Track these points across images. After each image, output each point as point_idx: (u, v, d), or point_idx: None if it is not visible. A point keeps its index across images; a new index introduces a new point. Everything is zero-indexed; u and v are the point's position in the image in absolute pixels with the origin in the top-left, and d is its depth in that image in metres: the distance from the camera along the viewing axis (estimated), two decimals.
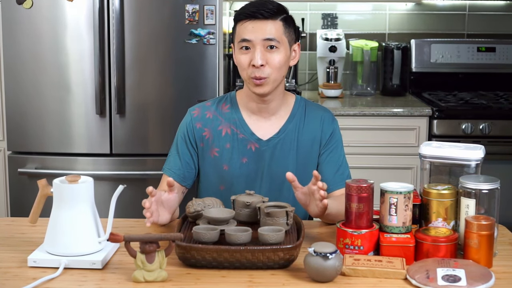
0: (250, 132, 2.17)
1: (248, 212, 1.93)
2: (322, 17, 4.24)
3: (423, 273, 1.63)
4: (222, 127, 2.18)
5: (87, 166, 3.39)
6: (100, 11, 3.28)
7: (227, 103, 2.22)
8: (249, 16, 2.07)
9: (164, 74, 3.37)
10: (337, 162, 2.19)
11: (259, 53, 2.05)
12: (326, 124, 2.20)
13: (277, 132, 2.18)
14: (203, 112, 2.21)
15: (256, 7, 2.07)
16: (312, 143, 2.19)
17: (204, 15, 3.30)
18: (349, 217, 1.80)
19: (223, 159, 2.17)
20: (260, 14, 2.06)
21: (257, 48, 2.06)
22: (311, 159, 2.18)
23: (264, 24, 2.06)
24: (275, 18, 2.08)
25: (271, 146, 2.17)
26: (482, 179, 1.79)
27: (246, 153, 2.16)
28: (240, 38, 2.08)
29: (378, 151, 3.67)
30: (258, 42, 2.06)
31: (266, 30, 2.06)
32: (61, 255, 1.73)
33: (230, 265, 1.71)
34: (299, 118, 2.20)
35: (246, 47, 2.07)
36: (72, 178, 1.76)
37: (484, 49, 4.18)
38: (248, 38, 2.06)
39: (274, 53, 2.07)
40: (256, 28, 2.06)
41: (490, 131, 3.64)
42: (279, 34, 2.08)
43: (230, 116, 2.19)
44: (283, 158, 2.17)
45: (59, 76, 3.35)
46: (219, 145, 2.17)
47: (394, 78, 4.07)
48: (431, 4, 4.25)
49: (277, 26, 2.07)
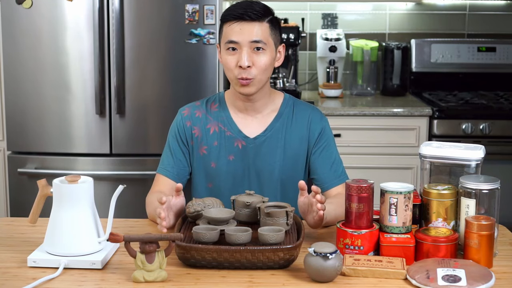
0: (237, 129, 2.19)
1: (248, 212, 1.93)
2: (322, 17, 4.24)
3: (423, 273, 1.63)
4: (210, 125, 2.21)
5: (87, 166, 3.39)
6: (100, 11, 3.27)
7: (215, 102, 2.24)
8: (236, 18, 2.08)
9: (164, 74, 3.37)
10: (330, 160, 2.20)
11: (246, 55, 2.07)
12: (314, 124, 2.21)
13: (264, 130, 2.19)
14: (192, 111, 2.24)
15: (244, 8, 2.08)
16: (300, 142, 2.20)
17: (204, 15, 3.30)
18: (349, 217, 1.80)
19: (211, 157, 2.19)
20: (247, 16, 2.07)
21: (244, 50, 2.07)
22: (298, 157, 2.20)
23: (251, 26, 2.07)
24: (262, 20, 2.09)
25: (258, 144, 2.19)
26: (482, 179, 1.79)
27: (233, 150, 2.19)
28: (227, 39, 2.09)
29: (378, 151, 3.66)
30: (245, 43, 2.07)
31: (253, 32, 2.07)
32: (61, 255, 1.73)
33: (230, 265, 1.71)
34: (286, 117, 2.21)
35: (232, 48, 2.09)
36: (72, 178, 1.75)
37: (485, 49, 4.18)
38: (235, 39, 2.07)
39: (260, 54, 2.08)
40: (244, 29, 2.07)
41: (490, 131, 3.64)
42: (266, 35, 2.09)
43: (218, 114, 2.22)
44: (269, 156, 2.18)
45: (59, 76, 3.35)
46: (207, 143, 2.20)
47: (394, 78, 4.07)
48: (431, 4, 4.24)
49: (263, 27, 2.08)
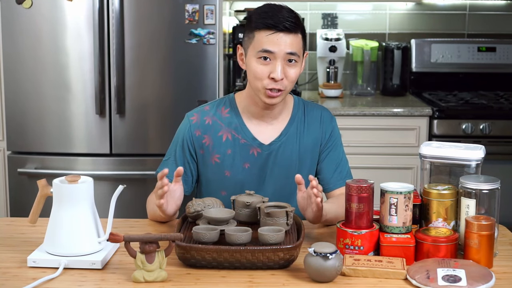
0: (251, 137, 2.14)
1: (248, 212, 1.93)
2: (322, 17, 4.24)
3: (423, 273, 1.63)
4: (222, 133, 2.14)
5: (87, 166, 3.39)
6: (100, 11, 3.27)
7: (226, 106, 2.17)
8: (272, 27, 2.00)
9: (164, 74, 3.37)
10: (336, 160, 2.18)
11: (280, 66, 2.00)
12: (326, 124, 2.19)
13: (279, 136, 2.15)
14: (202, 118, 2.16)
15: (278, 17, 2.00)
16: (313, 145, 2.17)
17: (204, 15, 3.30)
18: (349, 217, 1.79)
19: (225, 165, 2.14)
20: (285, 26, 1.99)
21: (278, 61, 2.00)
22: (313, 160, 2.17)
23: (288, 37, 2.00)
24: (297, 31, 2.02)
25: (274, 150, 2.14)
26: (482, 179, 1.79)
27: (248, 158, 2.14)
28: (261, 48, 2.01)
29: (378, 151, 3.66)
30: (280, 55, 2.00)
31: (289, 44, 2.00)
32: (60, 255, 1.73)
33: (230, 265, 1.70)
34: (299, 120, 2.18)
35: (265, 57, 2.01)
36: (72, 178, 1.75)
37: (485, 49, 4.18)
38: (272, 50, 2.00)
39: (292, 66, 2.03)
40: (281, 40, 1.99)
41: (491, 131, 3.64)
42: (299, 47, 2.03)
43: (230, 120, 2.15)
44: (285, 161, 2.15)
45: (59, 76, 3.35)
46: (220, 151, 2.13)
47: (394, 78, 4.07)
48: (432, 4, 4.24)
49: (298, 39, 2.03)
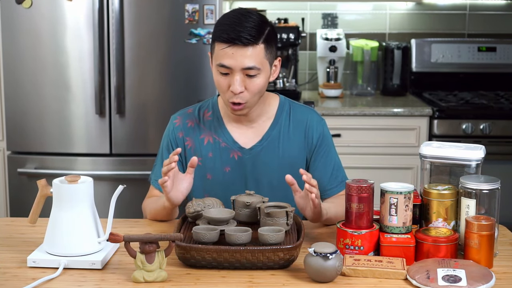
0: (232, 140, 2.11)
1: (248, 212, 1.93)
2: (322, 17, 4.24)
3: (424, 274, 1.63)
4: (204, 136, 2.12)
5: (87, 166, 3.39)
6: (100, 11, 3.27)
7: (209, 109, 2.15)
8: (227, 41, 1.93)
9: (164, 74, 3.37)
10: (330, 166, 2.14)
11: (238, 80, 1.95)
12: (312, 129, 2.13)
13: (260, 140, 2.11)
14: (184, 121, 2.15)
15: (237, 31, 1.93)
16: (298, 149, 2.12)
17: (204, 14, 3.30)
18: (349, 217, 1.79)
19: (206, 168, 2.11)
20: (240, 41, 1.92)
21: (236, 75, 1.95)
22: (297, 165, 2.07)
23: (245, 51, 1.93)
24: (256, 43, 1.94)
25: (254, 154, 2.11)
26: (482, 179, 1.79)
27: (229, 162, 2.11)
28: (218, 62, 1.96)
29: (378, 151, 3.66)
30: (237, 70, 1.94)
31: (246, 58, 1.93)
32: (60, 255, 1.73)
33: (230, 265, 1.70)
34: (283, 123, 2.12)
35: (223, 72, 1.97)
36: (72, 178, 1.75)
37: (485, 49, 4.18)
38: (227, 65, 1.94)
39: (253, 78, 1.96)
40: (236, 55, 1.93)
41: (491, 131, 3.64)
42: (260, 59, 1.96)
43: (211, 123, 2.13)
44: (267, 166, 2.10)
45: (59, 76, 3.35)
46: (202, 154, 2.11)
47: (395, 78, 4.07)
48: (432, 3, 4.24)
49: (257, 51, 1.95)
